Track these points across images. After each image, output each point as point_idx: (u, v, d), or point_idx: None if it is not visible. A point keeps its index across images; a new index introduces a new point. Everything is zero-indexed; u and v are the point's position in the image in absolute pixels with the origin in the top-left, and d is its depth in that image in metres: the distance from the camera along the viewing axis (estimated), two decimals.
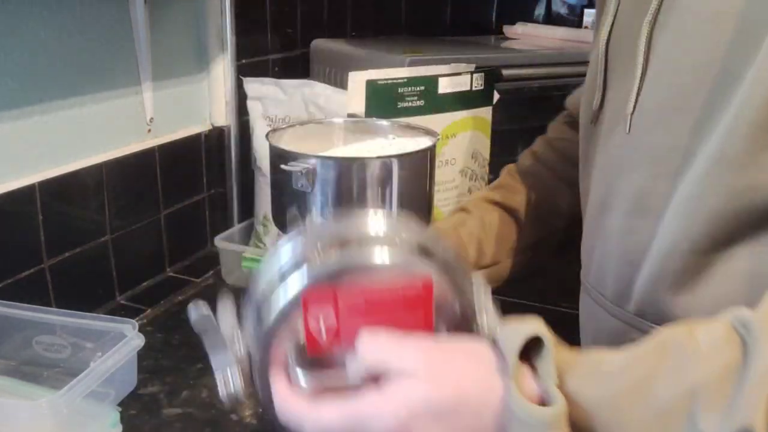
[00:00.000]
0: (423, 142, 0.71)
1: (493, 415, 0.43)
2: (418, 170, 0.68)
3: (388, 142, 0.76)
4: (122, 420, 0.73)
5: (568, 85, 1.44)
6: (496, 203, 0.80)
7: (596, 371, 0.44)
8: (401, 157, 0.65)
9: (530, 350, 0.45)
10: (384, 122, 0.79)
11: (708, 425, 0.39)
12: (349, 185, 0.64)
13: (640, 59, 0.57)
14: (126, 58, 1.01)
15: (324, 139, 0.77)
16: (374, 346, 0.47)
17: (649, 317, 0.58)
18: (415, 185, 0.68)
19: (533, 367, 0.45)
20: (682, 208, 0.54)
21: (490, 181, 1.01)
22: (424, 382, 0.44)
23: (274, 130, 0.72)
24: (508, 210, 0.79)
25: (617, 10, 0.62)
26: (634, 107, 0.58)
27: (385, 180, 0.65)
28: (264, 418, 0.77)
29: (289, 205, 0.67)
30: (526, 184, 0.81)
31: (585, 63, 0.69)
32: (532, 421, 0.42)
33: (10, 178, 0.86)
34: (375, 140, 0.76)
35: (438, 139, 0.71)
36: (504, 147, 0.71)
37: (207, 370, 0.86)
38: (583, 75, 0.68)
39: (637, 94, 0.58)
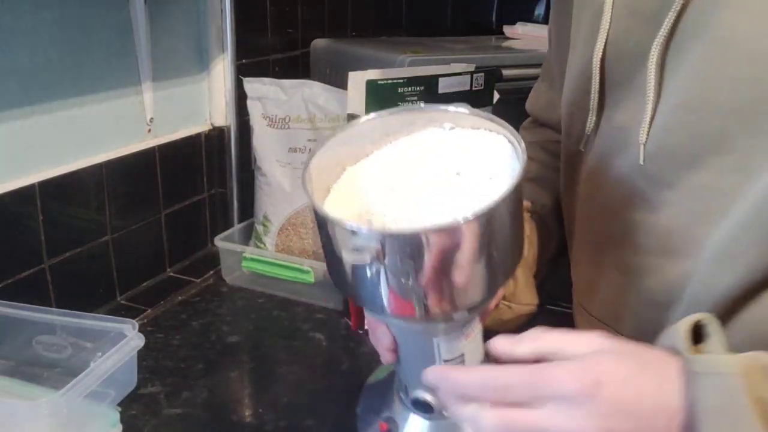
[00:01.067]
0: (492, 135, 0.54)
1: (676, 381, 0.43)
2: (513, 211, 0.51)
3: (443, 134, 0.57)
4: (122, 420, 0.73)
5: None
6: (529, 212, 0.75)
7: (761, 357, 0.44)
8: (494, 209, 0.47)
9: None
10: (426, 107, 0.59)
11: None
12: (428, 257, 0.47)
13: (651, 84, 0.53)
14: (126, 58, 1.01)
15: (358, 145, 0.59)
16: (548, 335, 0.48)
17: None
18: (507, 226, 0.50)
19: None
20: (722, 253, 0.51)
21: None
22: (611, 353, 0.44)
23: (305, 167, 0.54)
24: (540, 218, 0.75)
25: (610, 24, 0.57)
26: (647, 137, 0.54)
27: (474, 241, 0.48)
28: (264, 417, 0.77)
29: (350, 276, 0.52)
30: (545, 189, 0.77)
31: None
32: (722, 369, 0.41)
33: (10, 178, 0.86)
34: (426, 131, 0.58)
35: (521, 145, 0.51)
36: None
37: (207, 371, 0.86)
38: None
39: (650, 123, 0.54)
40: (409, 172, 0.56)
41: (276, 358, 0.90)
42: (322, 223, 0.51)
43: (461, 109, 0.57)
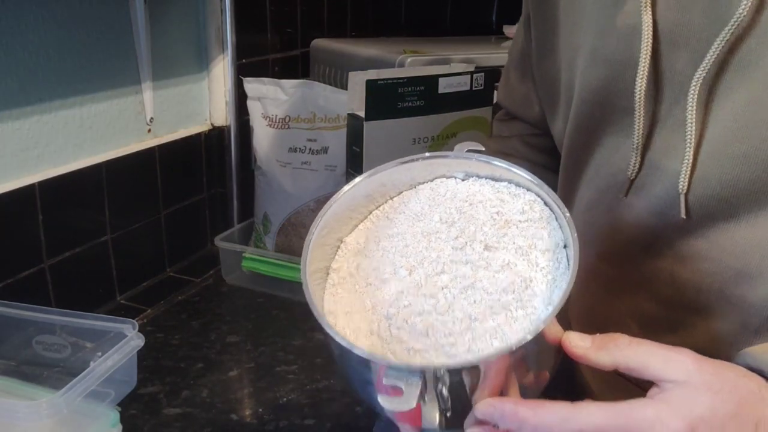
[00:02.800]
0: (531, 204, 0.47)
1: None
2: (546, 351, 0.44)
3: (455, 184, 0.51)
4: (122, 420, 0.73)
5: None
6: None
7: None
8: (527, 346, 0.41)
9: None
10: (431, 156, 0.52)
11: None
12: (471, 391, 0.42)
13: (690, 124, 0.46)
14: (126, 58, 1.01)
15: (360, 206, 0.53)
16: (635, 347, 0.42)
17: None
18: (535, 355, 0.44)
19: None
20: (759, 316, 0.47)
21: None
22: (705, 391, 0.40)
23: (306, 251, 0.48)
24: None
25: (650, 49, 0.49)
26: (689, 186, 0.47)
27: (521, 366, 0.43)
28: (264, 417, 0.77)
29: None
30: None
31: None
32: None
33: (10, 178, 0.86)
34: (437, 182, 0.52)
35: (566, 215, 0.45)
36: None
37: (207, 370, 0.86)
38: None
39: (692, 171, 0.47)
40: (420, 246, 0.47)
41: (276, 358, 0.89)
42: (339, 350, 0.43)
43: (477, 158, 0.48)
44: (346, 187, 0.50)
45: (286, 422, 0.77)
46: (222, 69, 1.17)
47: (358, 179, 0.50)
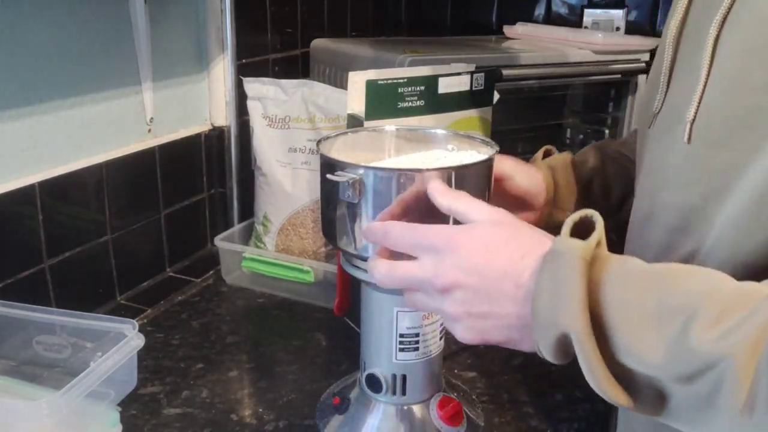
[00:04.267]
0: (484, 152, 0.69)
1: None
2: (475, 183, 0.64)
3: (445, 154, 0.73)
4: (122, 420, 0.74)
5: (568, 85, 1.45)
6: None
7: (625, 260, 0.48)
8: (456, 170, 0.62)
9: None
10: (441, 131, 0.76)
11: (697, 336, 0.41)
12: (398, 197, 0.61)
13: (706, 61, 0.51)
14: (126, 58, 1.01)
15: (377, 148, 0.75)
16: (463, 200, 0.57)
17: None
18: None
19: None
20: (723, 233, 0.50)
21: None
22: (492, 222, 0.54)
23: (325, 138, 0.70)
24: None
25: (690, 1, 0.56)
26: (695, 115, 0.52)
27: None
28: (264, 417, 0.77)
29: (336, 216, 0.65)
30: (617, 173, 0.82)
31: (585, 63, 0.66)
32: (575, 252, 0.46)
33: (10, 178, 0.86)
34: (432, 151, 0.74)
35: (497, 151, 0.68)
36: (504, 147, 0.70)
37: (207, 370, 0.86)
38: (583, 75, 0.65)
39: (700, 100, 0.52)
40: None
41: (276, 358, 0.90)
42: (324, 164, 0.64)
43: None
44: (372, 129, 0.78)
45: (286, 422, 0.77)
46: (222, 69, 1.17)
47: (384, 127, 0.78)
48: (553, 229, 0.77)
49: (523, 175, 0.79)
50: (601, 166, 0.83)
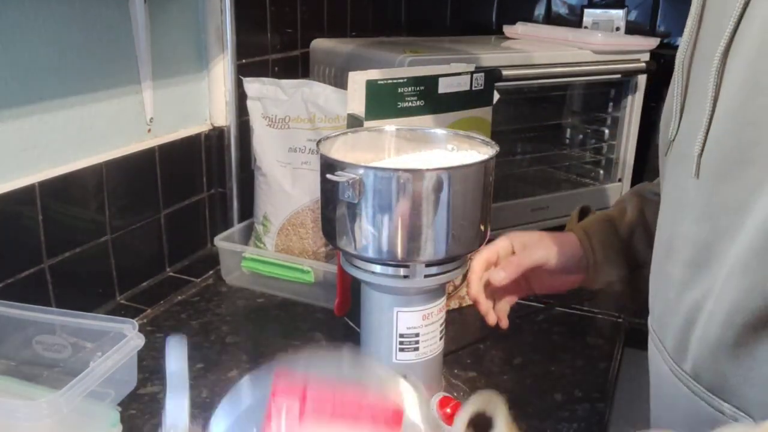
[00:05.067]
0: (484, 152, 0.69)
1: None
2: (474, 183, 0.65)
3: (445, 154, 0.73)
4: (122, 420, 0.73)
5: (568, 86, 1.45)
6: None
7: None
8: (455, 170, 0.63)
9: None
10: (441, 132, 0.77)
11: None
12: (398, 197, 0.62)
13: (710, 92, 0.50)
14: (126, 58, 1.01)
15: (377, 148, 0.75)
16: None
17: (704, 382, 0.54)
18: (469, 199, 0.65)
19: None
20: (737, 274, 0.49)
21: None
22: None
23: (325, 138, 0.71)
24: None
25: (699, 26, 0.54)
26: (702, 148, 0.51)
27: (437, 193, 0.63)
28: None
29: (336, 216, 0.65)
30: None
31: (585, 63, 0.66)
32: None
33: (10, 178, 0.86)
34: (433, 151, 0.75)
35: (497, 151, 0.68)
36: (504, 147, 0.70)
37: (207, 370, 0.86)
38: (583, 75, 0.65)
39: (706, 133, 0.51)
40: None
41: (276, 358, 0.89)
42: (324, 164, 0.65)
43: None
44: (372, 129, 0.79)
45: None
46: (222, 69, 1.17)
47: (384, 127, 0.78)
48: (602, 287, 0.81)
49: (558, 255, 0.79)
50: (639, 216, 0.81)
